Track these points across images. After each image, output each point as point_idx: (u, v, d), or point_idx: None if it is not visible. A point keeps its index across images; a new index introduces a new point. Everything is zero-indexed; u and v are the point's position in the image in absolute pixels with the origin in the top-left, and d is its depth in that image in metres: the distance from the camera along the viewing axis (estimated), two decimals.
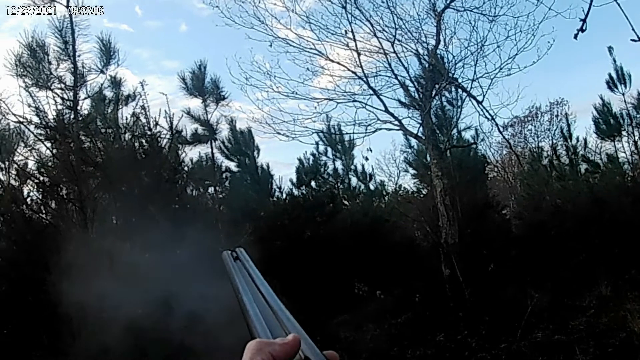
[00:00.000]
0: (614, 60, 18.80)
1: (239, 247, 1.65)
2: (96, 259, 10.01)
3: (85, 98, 12.63)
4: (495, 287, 13.85)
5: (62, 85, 12.14)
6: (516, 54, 14.67)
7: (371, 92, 15.94)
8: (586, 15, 5.30)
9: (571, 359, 10.44)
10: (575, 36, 5.38)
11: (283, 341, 1.06)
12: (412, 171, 21.23)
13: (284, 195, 19.33)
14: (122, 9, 32.16)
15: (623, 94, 19.06)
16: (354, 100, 16.11)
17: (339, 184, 20.51)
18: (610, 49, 18.80)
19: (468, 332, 12.30)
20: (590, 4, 5.34)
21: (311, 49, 15.94)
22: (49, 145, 11.95)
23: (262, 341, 1.07)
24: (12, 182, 12.54)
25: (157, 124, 13.02)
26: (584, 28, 5.31)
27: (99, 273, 9.40)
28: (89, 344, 9.33)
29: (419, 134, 16.05)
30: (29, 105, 11.62)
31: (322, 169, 20.29)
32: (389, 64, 16.00)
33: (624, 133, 19.37)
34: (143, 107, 13.00)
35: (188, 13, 35.33)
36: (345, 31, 15.82)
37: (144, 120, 13.06)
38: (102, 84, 13.08)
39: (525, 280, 14.05)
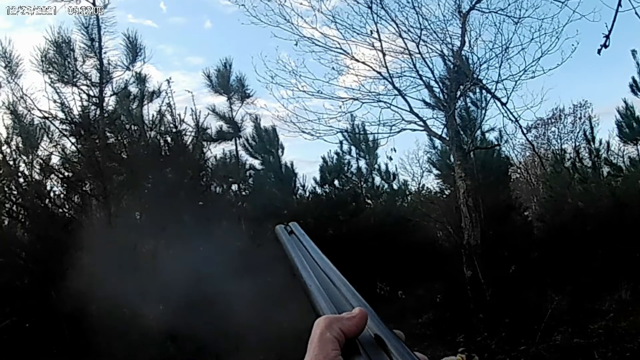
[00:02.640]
0: (638, 64, 18.68)
1: (291, 222, 1.66)
2: (119, 255, 10.09)
3: (112, 95, 12.75)
4: (516, 289, 13.84)
5: (88, 82, 12.25)
6: (540, 57, 14.62)
7: (396, 92, 15.96)
8: (609, 31, 5.33)
9: None
10: (599, 51, 5.42)
11: (350, 315, 1.06)
12: (435, 171, 21.20)
13: (308, 194, 19.37)
14: (147, 5, 32.31)
15: None
16: (379, 100, 16.14)
17: (362, 183, 20.51)
18: (634, 52, 18.70)
19: (488, 334, 12.31)
20: (614, 20, 5.37)
21: (336, 48, 15.99)
22: (73, 140, 12.05)
23: (331, 317, 1.06)
24: (36, 176, 12.64)
25: (182, 121, 13.11)
26: (607, 44, 5.34)
27: (121, 269, 9.48)
28: (110, 339, 9.41)
29: (443, 135, 16.05)
30: (54, 101, 11.72)
31: (346, 168, 20.30)
32: (414, 65, 16.02)
33: None
34: (169, 105, 13.09)
35: (213, 10, 35.37)
36: (371, 31, 15.85)
37: (169, 118, 13.15)
38: (127, 81, 13.19)
39: (545, 282, 14.02)
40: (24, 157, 12.93)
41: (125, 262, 9.90)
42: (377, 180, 20.88)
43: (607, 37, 5.40)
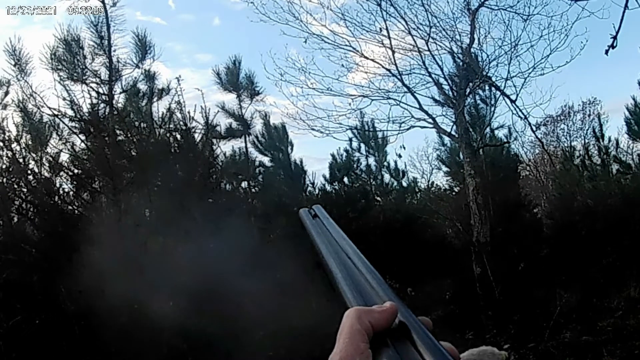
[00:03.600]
0: None
1: (315, 204, 1.62)
2: (129, 252, 10.12)
3: (121, 92, 12.78)
4: (525, 286, 13.86)
5: (97, 80, 12.29)
6: (549, 54, 14.69)
7: (405, 89, 16.04)
8: (617, 32, 5.35)
9: None
10: (606, 52, 5.44)
11: (381, 308, 1.05)
12: (444, 169, 21.25)
13: (317, 191, 19.32)
14: (156, 2, 32.36)
15: None
16: (388, 98, 16.22)
17: (371, 181, 20.49)
18: None
19: (497, 331, 12.33)
20: (621, 21, 5.39)
21: (346, 45, 16.09)
22: (83, 138, 12.10)
23: (361, 309, 1.03)
24: (45, 173, 12.67)
25: (192, 118, 13.14)
26: (614, 44, 5.36)
27: (131, 266, 9.51)
28: (120, 336, 9.44)
29: (452, 132, 16.08)
30: (64, 99, 11.77)
31: (355, 165, 20.27)
32: (423, 62, 16.08)
33: None
34: (179, 103, 13.12)
35: (221, 7, 35.46)
36: (380, 28, 15.92)
37: (179, 115, 13.18)
38: (136, 78, 13.23)
39: (554, 280, 14.03)
40: (34, 155, 12.96)
41: (135, 259, 9.92)
42: (387, 177, 20.87)
43: (615, 37, 5.43)
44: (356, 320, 0.99)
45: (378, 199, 20.47)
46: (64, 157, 12.59)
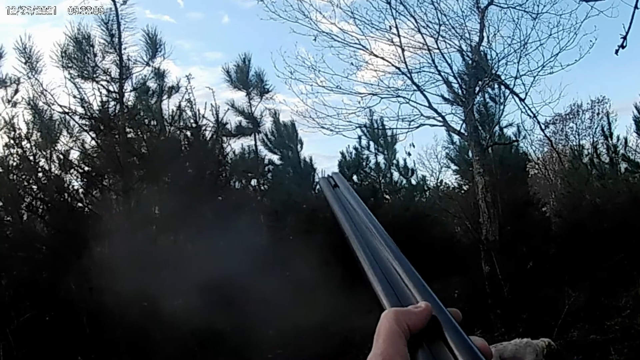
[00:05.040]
0: None
1: (334, 172, 1.57)
2: (139, 249, 10.17)
3: (132, 90, 12.81)
4: (534, 285, 13.86)
5: (108, 77, 12.33)
6: (558, 52, 14.66)
7: (415, 87, 16.02)
8: (627, 32, 5.37)
9: (606, 358, 10.48)
10: (616, 52, 5.47)
11: (418, 310, 1.04)
12: (453, 167, 21.21)
13: None
14: (165, 1, 32.48)
15: None
16: (398, 96, 16.22)
17: (380, 179, 20.48)
18: None
19: (505, 330, 12.33)
20: (631, 21, 5.41)
21: (355, 43, 16.10)
22: (93, 135, 12.15)
23: (399, 311, 1.03)
24: (55, 171, 12.71)
25: (202, 116, 13.19)
26: (624, 44, 5.38)
27: (141, 263, 9.55)
28: (129, 333, 9.49)
29: (462, 130, 16.06)
30: (74, 96, 11.82)
31: (365, 163, 20.26)
32: (433, 60, 16.07)
33: None
34: (189, 100, 13.16)
35: (231, 5, 35.63)
36: (390, 26, 15.91)
37: (189, 113, 13.22)
38: (146, 76, 13.26)
39: (563, 278, 14.03)
40: (44, 152, 13.00)
41: (145, 256, 9.96)
42: (396, 175, 20.84)
43: (625, 37, 5.45)
44: (394, 322, 1.00)
45: (387, 196, 20.48)
46: (74, 155, 12.66)
